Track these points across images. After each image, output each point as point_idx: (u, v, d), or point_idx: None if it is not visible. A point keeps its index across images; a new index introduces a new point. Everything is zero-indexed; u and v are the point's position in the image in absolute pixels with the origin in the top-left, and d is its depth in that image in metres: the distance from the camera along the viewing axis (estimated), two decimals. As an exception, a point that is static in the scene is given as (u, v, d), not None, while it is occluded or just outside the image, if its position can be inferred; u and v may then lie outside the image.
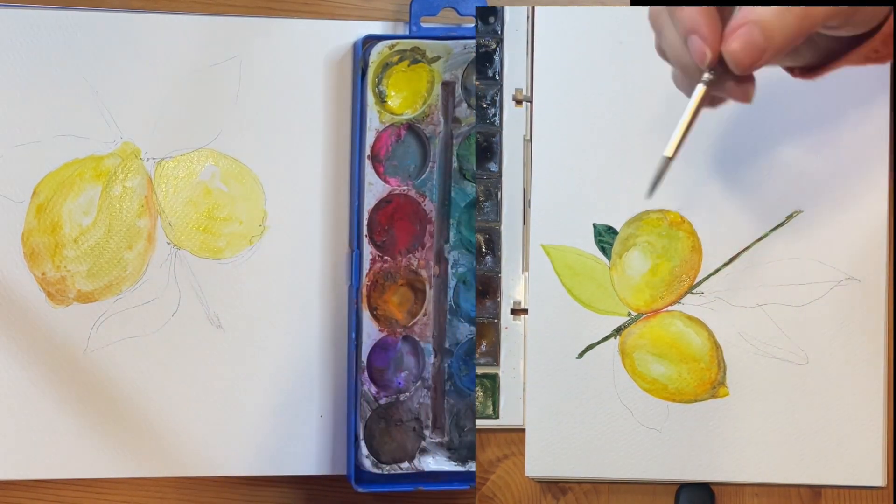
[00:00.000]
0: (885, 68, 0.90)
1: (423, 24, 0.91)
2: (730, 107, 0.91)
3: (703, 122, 0.90)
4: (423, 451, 0.93)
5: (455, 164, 0.92)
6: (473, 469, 0.94)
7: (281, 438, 0.92)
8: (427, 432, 0.94)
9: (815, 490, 0.90)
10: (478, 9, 0.92)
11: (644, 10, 0.91)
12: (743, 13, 0.69)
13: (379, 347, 0.93)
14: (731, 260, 0.90)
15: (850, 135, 0.90)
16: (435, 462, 0.94)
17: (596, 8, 0.92)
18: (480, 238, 0.93)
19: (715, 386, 0.90)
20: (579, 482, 0.92)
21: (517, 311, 0.92)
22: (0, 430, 0.87)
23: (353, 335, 0.92)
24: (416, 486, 0.94)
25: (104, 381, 0.89)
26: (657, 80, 0.91)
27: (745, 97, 0.73)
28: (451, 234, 0.93)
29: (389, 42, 0.90)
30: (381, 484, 0.93)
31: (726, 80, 0.72)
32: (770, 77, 0.90)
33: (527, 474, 0.91)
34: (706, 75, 0.71)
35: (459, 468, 0.94)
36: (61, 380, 0.88)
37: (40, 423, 0.88)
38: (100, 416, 0.89)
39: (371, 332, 0.92)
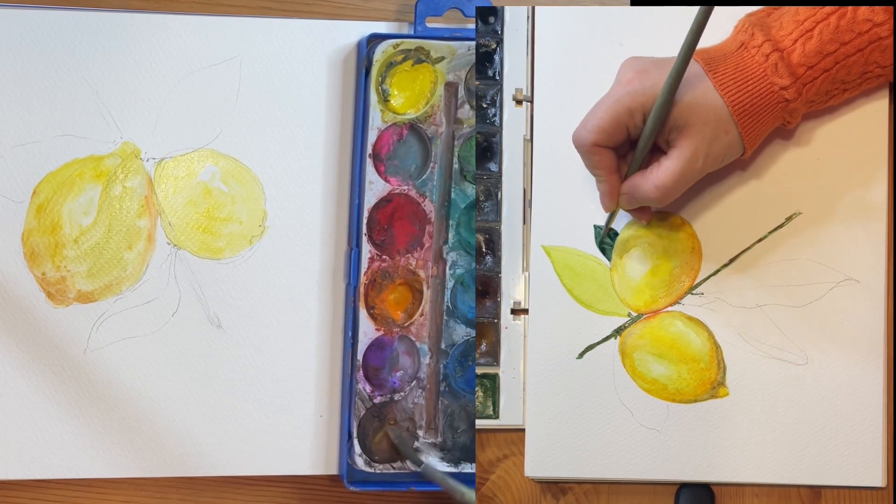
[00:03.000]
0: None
1: (428, 25, 0.91)
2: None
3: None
4: (417, 452, 0.93)
5: (456, 166, 0.92)
6: (467, 470, 0.94)
7: (281, 438, 0.92)
8: (421, 433, 0.94)
9: (815, 490, 0.90)
10: (478, 9, 0.92)
11: (644, 11, 0.92)
12: (627, 185, 0.86)
13: (375, 346, 0.93)
14: (731, 261, 0.90)
15: (849, 135, 0.90)
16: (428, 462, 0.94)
17: (596, 8, 0.93)
18: (480, 238, 0.93)
19: (715, 386, 0.90)
20: (579, 482, 0.92)
21: (517, 312, 0.92)
22: (0, 430, 0.87)
23: (350, 333, 0.92)
24: (409, 486, 0.94)
25: (104, 381, 0.89)
26: (657, 81, 0.91)
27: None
28: (451, 236, 0.93)
29: (394, 41, 0.90)
30: (373, 483, 0.93)
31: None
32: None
33: (526, 474, 0.91)
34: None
35: (452, 469, 0.94)
36: (61, 380, 0.88)
37: (40, 423, 0.88)
38: (100, 416, 0.89)
39: (367, 330, 0.92)
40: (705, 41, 0.81)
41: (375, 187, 0.92)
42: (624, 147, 0.86)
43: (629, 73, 0.84)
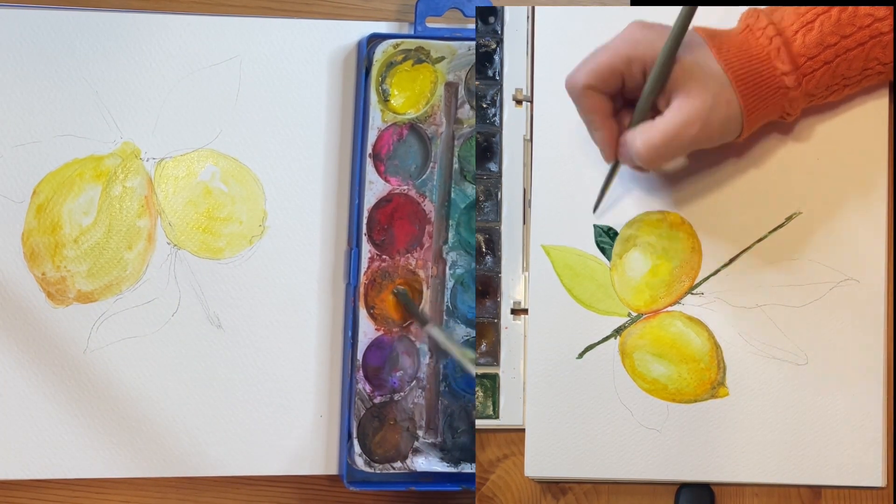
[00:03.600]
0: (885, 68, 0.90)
1: (428, 25, 0.91)
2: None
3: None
4: (416, 452, 0.93)
5: (456, 166, 0.92)
6: (466, 471, 0.94)
7: (281, 438, 0.92)
8: (420, 433, 0.94)
9: (815, 490, 0.90)
10: (478, 8, 0.92)
11: (644, 11, 0.92)
12: (625, 136, 0.84)
13: (374, 346, 0.93)
14: (731, 261, 0.90)
15: (850, 135, 0.90)
16: (427, 463, 0.94)
17: (596, 8, 0.93)
18: (480, 238, 0.93)
19: (715, 386, 0.90)
20: (579, 482, 0.92)
21: (517, 311, 0.92)
22: (0, 430, 0.87)
23: (350, 333, 0.92)
24: (408, 486, 0.94)
25: (104, 381, 0.89)
26: (657, 81, 0.91)
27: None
28: (451, 236, 0.93)
29: (394, 41, 0.90)
30: (373, 483, 0.93)
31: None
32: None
33: (526, 474, 0.91)
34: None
35: (452, 469, 0.94)
36: (61, 380, 0.88)
37: (40, 423, 0.88)
38: (100, 416, 0.89)
39: (367, 330, 0.92)
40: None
41: (375, 187, 0.92)
42: (619, 99, 0.85)
43: (632, 27, 0.83)
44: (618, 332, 0.91)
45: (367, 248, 0.92)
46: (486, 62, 0.93)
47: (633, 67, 0.83)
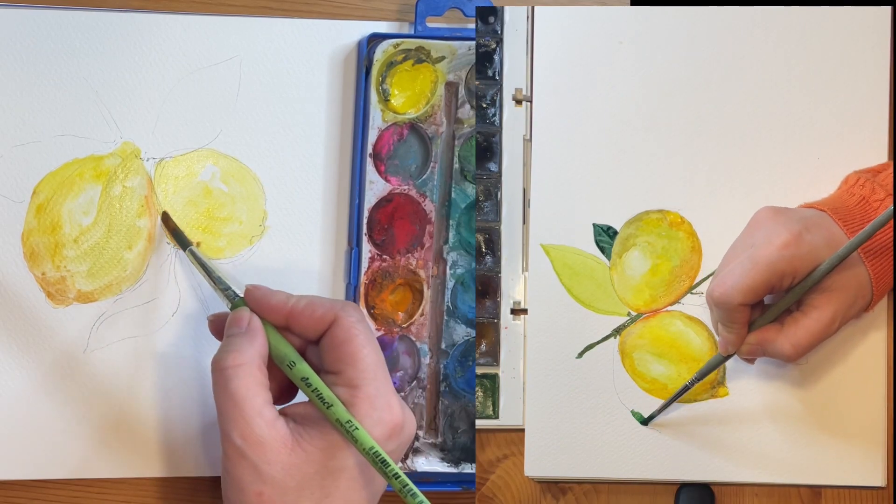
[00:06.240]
0: (885, 68, 0.90)
1: (429, 24, 0.91)
2: (728, 111, 0.91)
3: (703, 123, 0.91)
4: (417, 452, 0.93)
5: (456, 165, 0.92)
6: (466, 471, 0.94)
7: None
8: (421, 433, 0.94)
9: (815, 490, 0.90)
10: (478, 8, 0.92)
11: (644, 10, 0.92)
12: (757, 338, 0.85)
13: (375, 346, 0.93)
14: (731, 260, 0.90)
15: (850, 134, 0.90)
16: (428, 463, 0.93)
17: (596, 8, 0.93)
18: (480, 238, 0.93)
19: (715, 386, 0.90)
20: (579, 482, 0.92)
21: (517, 311, 0.92)
22: (0, 430, 0.87)
23: (351, 334, 0.92)
24: (408, 486, 0.94)
25: (104, 381, 0.89)
26: (657, 80, 0.91)
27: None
28: (451, 235, 0.93)
29: (394, 41, 0.90)
30: (373, 483, 0.93)
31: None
32: (770, 79, 0.91)
33: (526, 474, 0.91)
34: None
35: (452, 469, 0.94)
36: (61, 380, 0.88)
37: (40, 423, 0.88)
38: (100, 416, 0.89)
39: (367, 330, 0.92)
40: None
41: (376, 187, 0.92)
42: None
43: (784, 235, 0.83)
44: (617, 331, 0.91)
45: (367, 248, 0.92)
46: (486, 62, 0.93)
47: (785, 281, 0.83)
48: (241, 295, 0.83)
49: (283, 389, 0.83)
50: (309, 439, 0.78)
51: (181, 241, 0.88)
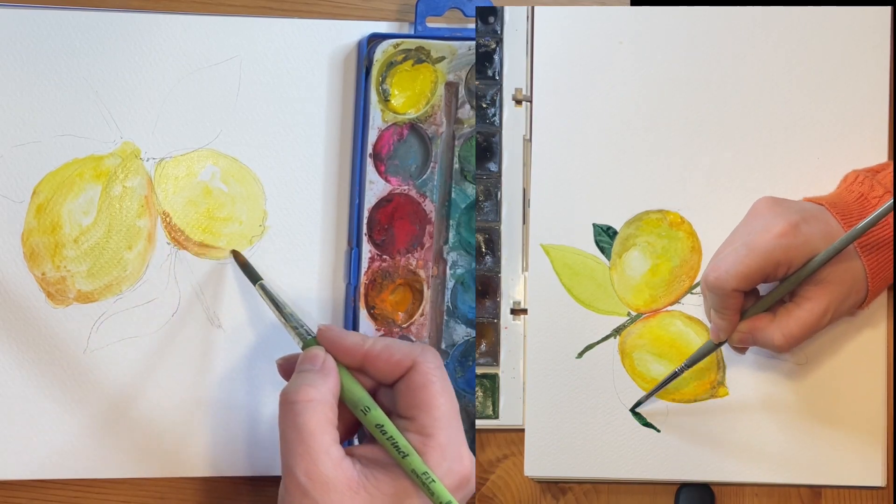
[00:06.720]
0: (885, 68, 0.90)
1: (429, 24, 0.91)
2: (727, 111, 0.91)
3: (703, 123, 0.91)
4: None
5: (456, 165, 0.92)
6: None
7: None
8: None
9: (815, 490, 0.90)
10: (478, 8, 0.92)
11: (644, 10, 0.92)
12: (748, 326, 0.85)
13: (375, 346, 0.93)
14: (731, 260, 0.90)
15: (849, 134, 0.90)
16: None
17: (596, 8, 0.93)
18: (480, 238, 0.93)
19: (715, 386, 0.90)
20: (579, 482, 0.92)
21: (517, 311, 0.92)
22: (0, 430, 0.87)
23: (350, 333, 0.92)
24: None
25: (104, 381, 0.89)
26: (656, 80, 0.91)
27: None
28: (451, 236, 0.93)
29: (394, 41, 0.90)
30: (372, 483, 0.93)
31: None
32: (770, 79, 0.91)
33: (526, 474, 0.91)
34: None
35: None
36: (61, 380, 0.88)
37: (40, 423, 0.88)
38: (100, 416, 0.89)
39: (368, 330, 0.92)
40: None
41: (376, 187, 0.92)
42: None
43: (781, 224, 0.83)
44: (617, 331, 0.91)
45: (367, 248, 0.92)
46: (486, 62, 0.93)
47: (780, 270, 0.83)
48: (314, 333, 0.82)
49: (347, 430, 0.82)
50: (376, 483, 0.77)
51: (251, 275, 0.88)
